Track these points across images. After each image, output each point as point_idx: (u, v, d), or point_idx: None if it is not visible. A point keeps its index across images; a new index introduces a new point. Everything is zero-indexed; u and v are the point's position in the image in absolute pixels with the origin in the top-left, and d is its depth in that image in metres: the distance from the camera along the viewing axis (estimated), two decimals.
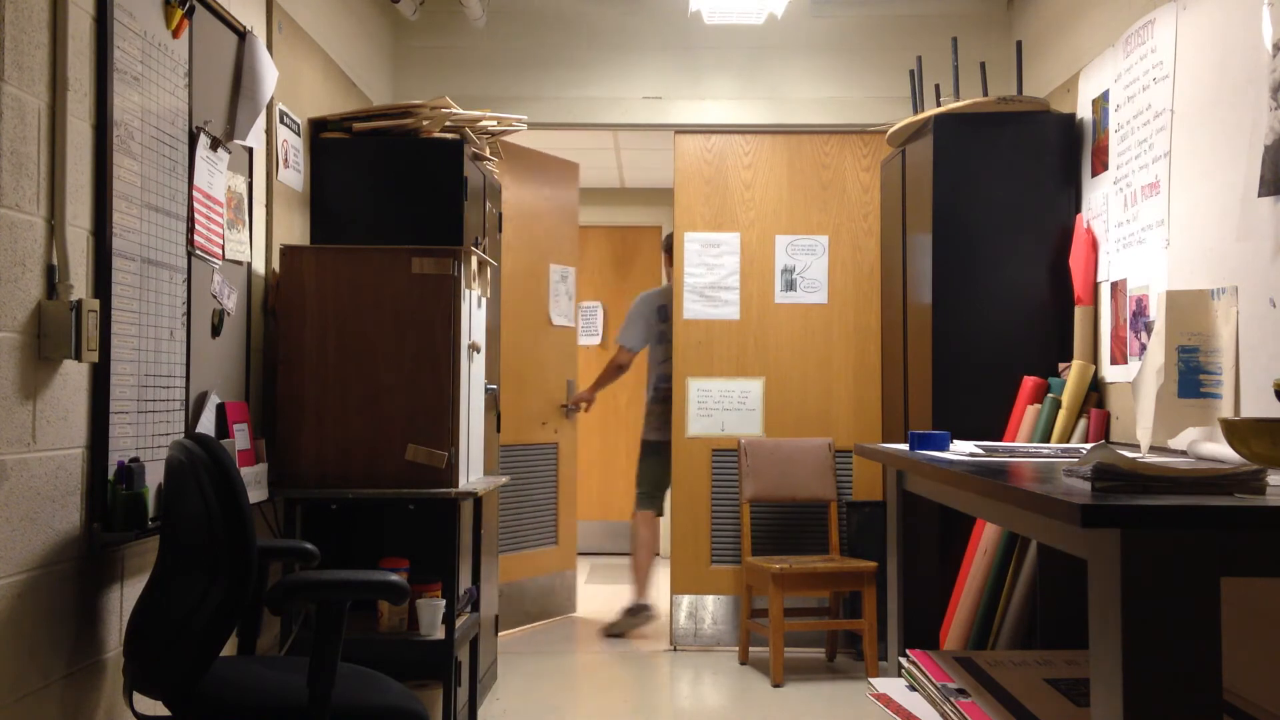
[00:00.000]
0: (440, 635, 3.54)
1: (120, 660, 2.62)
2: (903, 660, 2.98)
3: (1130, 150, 3.71)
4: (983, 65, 4.66)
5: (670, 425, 5.50)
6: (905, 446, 3.12)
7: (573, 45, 5.34)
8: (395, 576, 2.33)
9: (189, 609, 2.27)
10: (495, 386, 4.53)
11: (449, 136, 4.12)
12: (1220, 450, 2.55)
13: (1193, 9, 3.29)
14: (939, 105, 4.42)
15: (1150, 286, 3.54)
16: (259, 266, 3.52)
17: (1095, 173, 4.02)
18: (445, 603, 3.54)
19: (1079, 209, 4.14)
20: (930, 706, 2.66)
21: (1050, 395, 3.88)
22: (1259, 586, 2.67)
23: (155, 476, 2.74)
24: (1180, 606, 1.59)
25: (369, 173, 4.07)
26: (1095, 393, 3.88)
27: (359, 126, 4.10)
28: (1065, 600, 3.47)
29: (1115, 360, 3.80)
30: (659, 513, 5.81)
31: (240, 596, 2.22)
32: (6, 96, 2.19)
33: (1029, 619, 3.69)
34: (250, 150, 3.43)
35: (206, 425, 3.05)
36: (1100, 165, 3.97)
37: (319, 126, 4.09)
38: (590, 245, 8.44)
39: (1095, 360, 3.95)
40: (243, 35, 3.30)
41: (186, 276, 2.96)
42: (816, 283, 5.41)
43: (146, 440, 2.73)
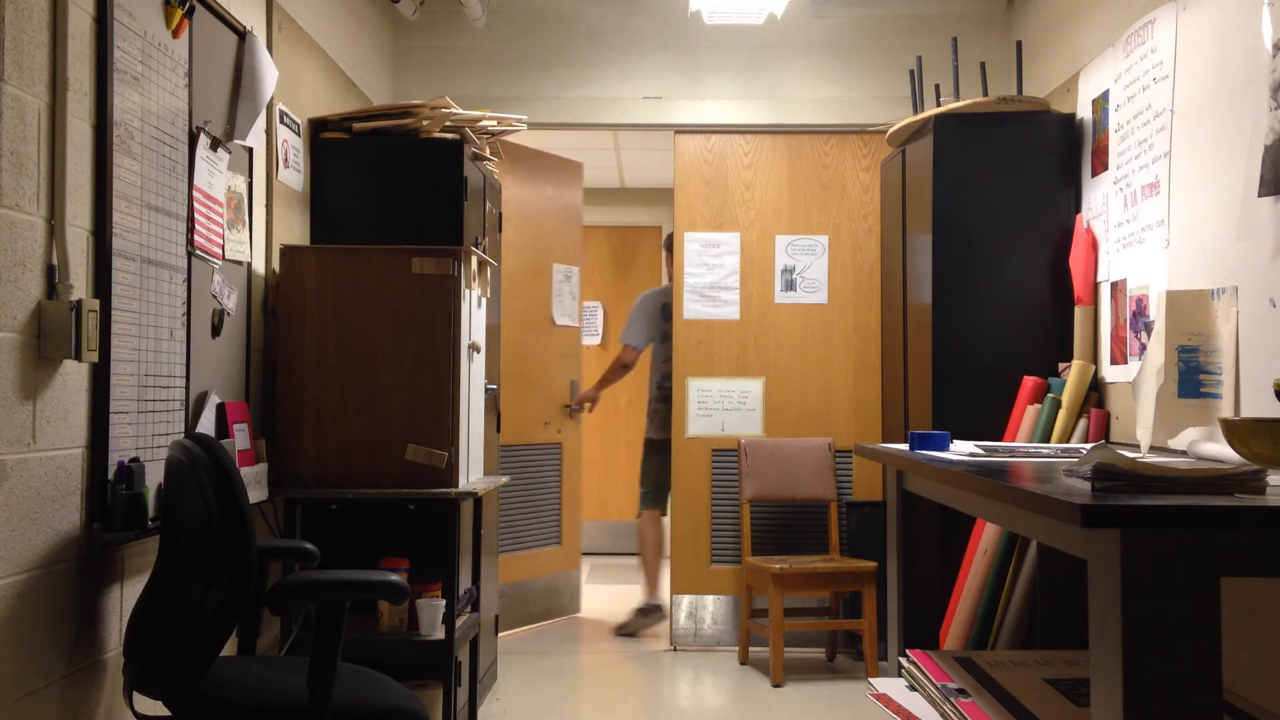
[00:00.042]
0: (440, 635, 3.54)
1: (120, 660, 2.62)
2: (903, 660, 2.98)
3: (1130, 150, 3.71)
4: (983, 65, 4.66)
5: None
6: (905, 446, 3.12)
7: (573, 45, 5.34)
8: (395, 576, 2.34)
9: (189, 609, 2.27)
10: (495, 386, 4.53)
11: (449, 136, 4.12)
12: (1220, 450, 2.55)
13: (1193, 9, 3.29)
14: (939, 105, 4.42)
15: (1150, 286, 3.54)
16: (259, 266, 3.52)
17: (1095, 173, 4.02)
18: (445, 603, 3.54)
19: (1079, 209, 4.14)
20: (930, 706, 2.66)
21: (1050, 395, 3.88)
22: (1259, 586, 2.67)
23: (155, 476, 2.74)
24: (1180, 606, 1.59)
25: (369, 173, 4.07)
26: (1095, 393, 3.88)
27: (359, 126, 4.10)
28: (1065, 600, 3.47)
29: (1115, 360, 3.80)
30: (664, 512, 5.80)
31: (240, 596, 2.22)
32: (6, 96, 2.19)
33: (1029, 619, 3.69)
34: (250, 150, 3.43)
35: (206, 425, 3.05)
36: (1100, 165, 3.97)
37: (319, 126, 4.09)
38: (590, 245, 8.44)
39: (1095, 360, 3.95)
40: (243, 35, 3.31)
41: (186, 276, 2.96)
42: (816, 283, 5.41)
43: (146, 440, 2.73)
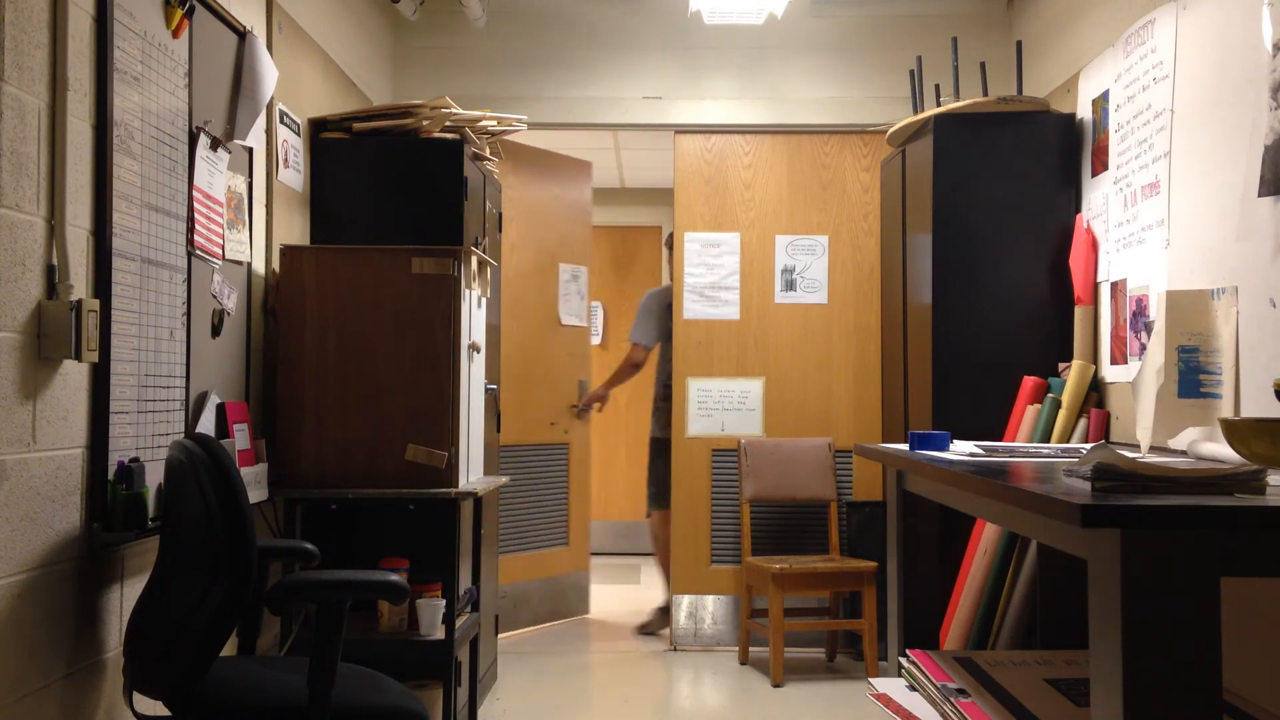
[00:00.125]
0: (440, 635, 3.54)
1: (120, 660, 2.62)
2: (903, 660, 2.98)
3: (1130, 150, 3.71)
4: (983, 65, 4.66)
5: None
6: (905, 446, 3.12)
7: (573, 45, 5.34)
8: (395, 576, 2.34)
9: (189, 609, 2.27)
10: (495, 386, 4.53)
11: (449, 136, 4.12)
12: (1220, 450, 2.55)
13: (1193, 9, 3.29)
14: (939, 105, 4.42)
15: (1150, 286, 3.54)
16: (259, 266, 3.52)
17: (1095, 173, 4.02)
18: (445, 603, 3.54)
19: (1079, 209, 4.14)
20: (930, 706, 2.66)
21: (1050, 395, 3.88)
22: (1259, 586, 2.67)
23: (155, 476, 2.74)
24: (1180, 606, 1.59)
25: (369, 173, 4.07)
26: (1095, 393, 3.88)
27: (359, 126, 4.10)
28: (1065, 600, 3.47)
29: (1115, 360, 3.80)
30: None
31: (240, 596, 2.22)
32: (6, 96, 2.19)
33: (1029, 619, 3.69)
34: (250, 150, 3.43)
35: (206, 425, 3.05)
36: (1100, 165, 3.97)
37: (319, 126, 4.09)
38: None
39: (1095, 360, 3.95)
40: (243, 35, 3.31)
41: (186, 276, 2.96)
42: (816, 283, 5.41)
43: (146, 440, 2.73)
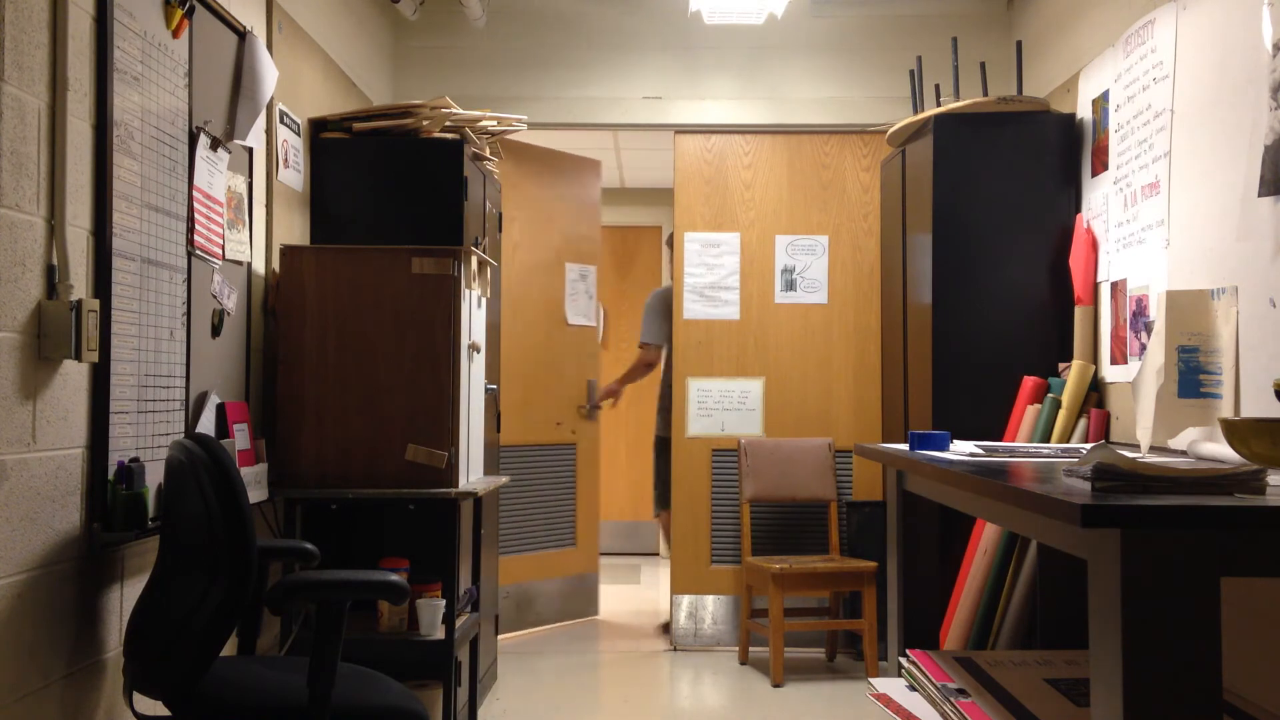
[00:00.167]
0: (440, 635, 3.54)
1: (120, 660, 2.62)
2: (903, 660, 2.98)
3: (1130, 150, 3.71)
4: (983, 65, 4.66)
5: None
6: (905, 446, 3.12)
7: (573, 45, 5.34)
8: (395, 576, 2.34)
9: (189, 609, 2.27)
10: (495, 386, 4.53)
11: (449, 136, 4.12)
12: (1220, 450, 2.55)
13: (1193, 9, 3.29)
14: (939, 105, 4.42)
15: (1150, 286, 3.54)
16: (259, 266, 3.52)
17: (1095, 173, 4.02)
18: (445, 603, 3.54)
19: (1079, 209, 4.14)
20: (930, 706, 2.66)
21: (1050, 395, 3.88)
22: (1259, 586, 2.67)
23: (155, 476, 2.74)
24: (1180, 606, 1.59)
25: (369, 173, 4.07)
26: (1095, 393, 3.88)
27: (359, 126, 4.10)
28: (1065, 600, 3.47)
29: (1115, 360, 3.80)
30: None
31: (240, 596, 2.22)
32: (6, 96, 2.19)
33: (1029, 619, 3.69)
34: (250, 150, 3.43)
35: (206, 425, 3.05)
36: (1100, 165, 3.97)
37: (319, 126, 4.09)
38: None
39: (1095, 360, 3.95)
40: (243, 35, 3.31)
41: (186, 276, 2.96)
42: (816, 283, 5.41)
43: (146, 440, 2.73)
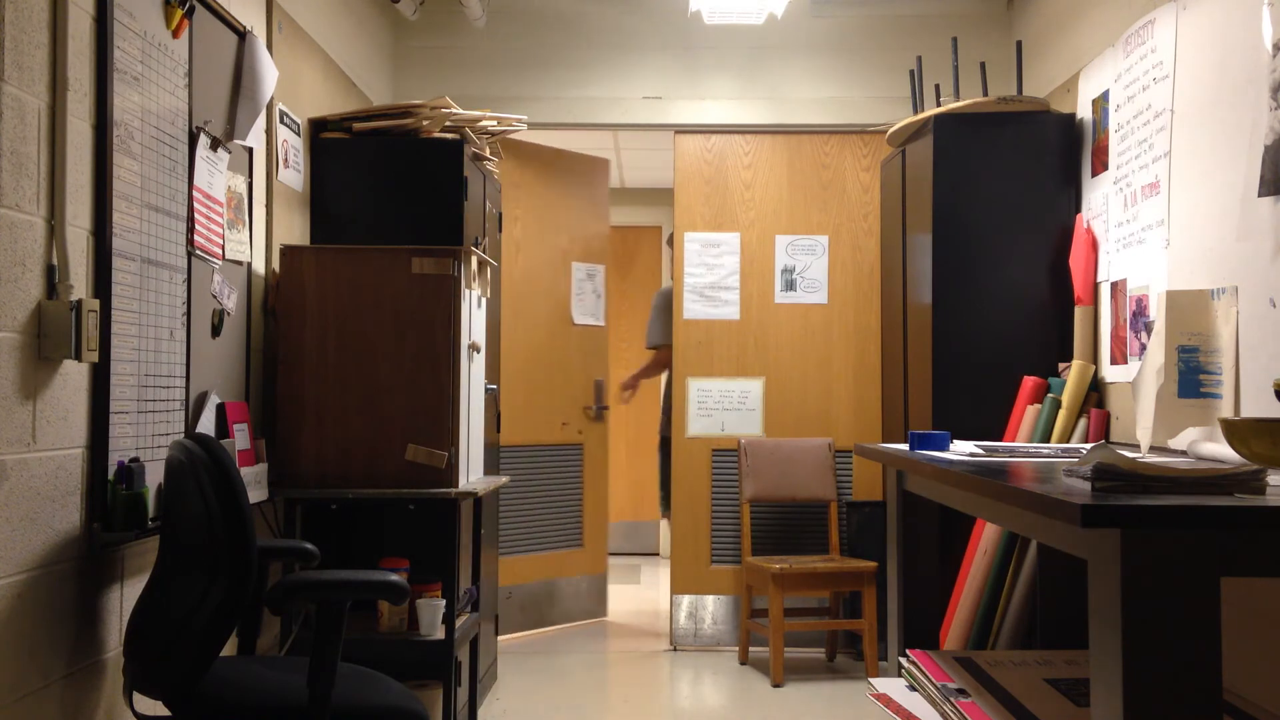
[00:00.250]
0: (440, 635, 3.54)
1: (120, 660, 2.62)
2: (903, 660, 2.98)
3: (1130, 150, 3.71)
4: (983, 65, 4.66)
5: None
6: (905, 446, 3.12)
7: (573, 45, 5.34)
8: (395, 576, 2.34)
9: (189, 609, 2.27)
10: (495, 386, 4.53)
11: (449, 136, 4.12)
12: (1220, 450, 2.55)
13: (1193, 9, 3.29)
14: (939, 105, 4.42)
15: (1150, 286, 3.54)
16: (259, 266, 3.52)
17: (1095, 173, 4.02)
18: (445, 603, 3.54)
19: (1079, 209, 4.14)
20: (930, 706, 2.66)
21: (1050, 395, 3.88)
22: (1259, 586, 2.67)
23: (155, 476, 2.74)
24: (1180, 606, 1.59)
25: (369, 173, 4.07)
26: (1095, 393, 3.88)
27: (359, 126, 4.10)
28: (1065, 600, 3.47)
29: (1115, 360, 3.80)
30: None
31: (240, 596, 2.22)
32: (6, 96, 2.19)
33: (1029, 619, 3.69)
34: (250, 150, 3.43)
35: (206, 425, 3.05)
36: (1100, 165, 3.97)
37: (319, 126, 4.09)
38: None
39: (1095, 360, 3.95)
40: (243, 35, 3.31)
41: (186, 276, 2.96)
42: (816, 283, 5.41)
43: (146, 440, 2.73)
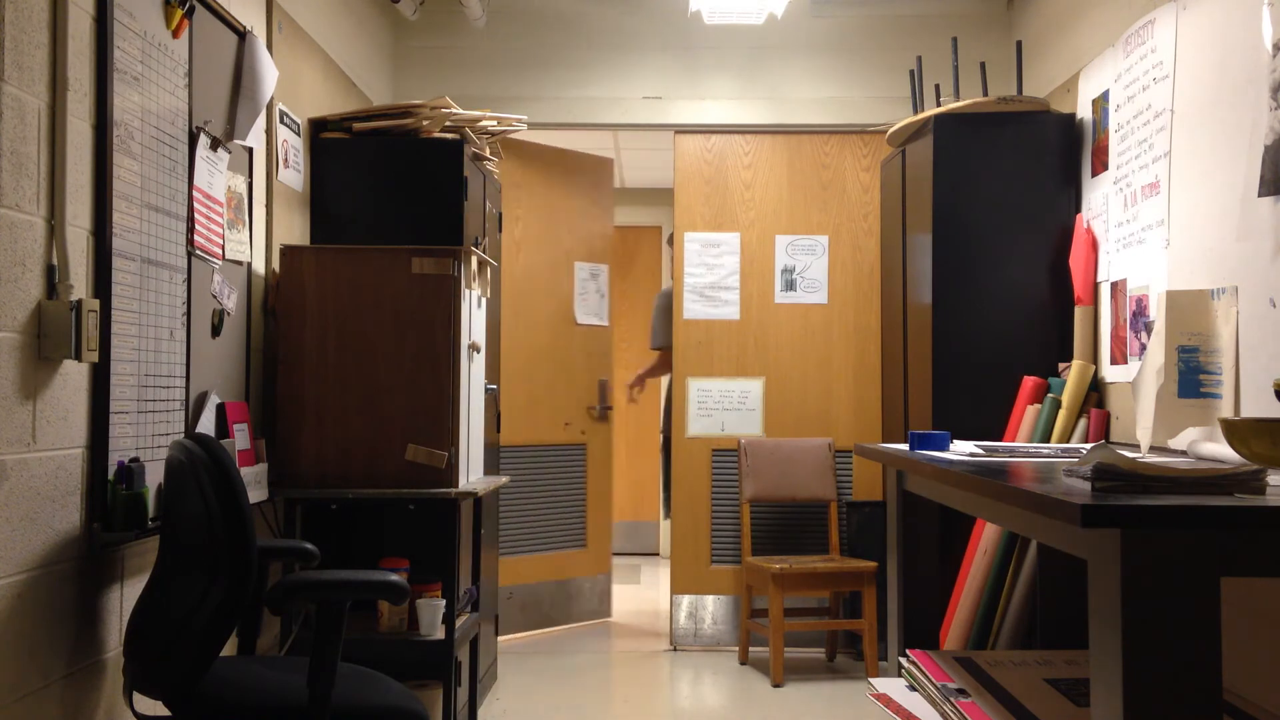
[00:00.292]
0: (440, 635, 3.54)
1: (120, 660, 2.62)
2: (903, 660, 2.98)
3: (1130, 150, 3.71)
4: (983, 65, 4.66)
5: None
6: (905, 446, 3.12)
7: (573, 45, 5.34)
8: (395, 576, 2.33)
9: (189, 609, 2.27)
10: (495, 386, 4.53)
11: (449, 136, 4.12)
12: (1220, 450, 2.55)
13: (1193, 9, 3.29)
14: (939, 105, 4.42)
15: (1150, 286, 3.54)
16: (259, 266, 3.52)
17: (1095, 173, 4.02)
18: (445, 603, 3.54)
19: (1079, 209, 4.14)
20: (930, 706, 2.66)
21: (1050, 395, 3.88)
22: (1259, 586, 2.67)
23: (155, 476, 2.74)
24: (1180, 606, 1.59)
25: (369, 173, 4.07)
26: (1095, 393, 3.88)
27: (359, 126, 4.10)
28: (1065, 600, 3.47)
29: (1115, 360, 3.80)
30: None
31: (240, 596, 2.22)
32: (6, 96, 2.19)
33: (1029, 619, 3.69)
34: (250, 150, 3.43)
35: (206, 425, 3.05)
36: (1100, 165, 3.97)
37: (319, 126, 4.09)
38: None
39: (1095, 360, 3.95)
40: (243, 35, 3.31)
41: (186, 276, 2.96)
42: (816, 283, 5.41)
43: (146, 440, 2.73)
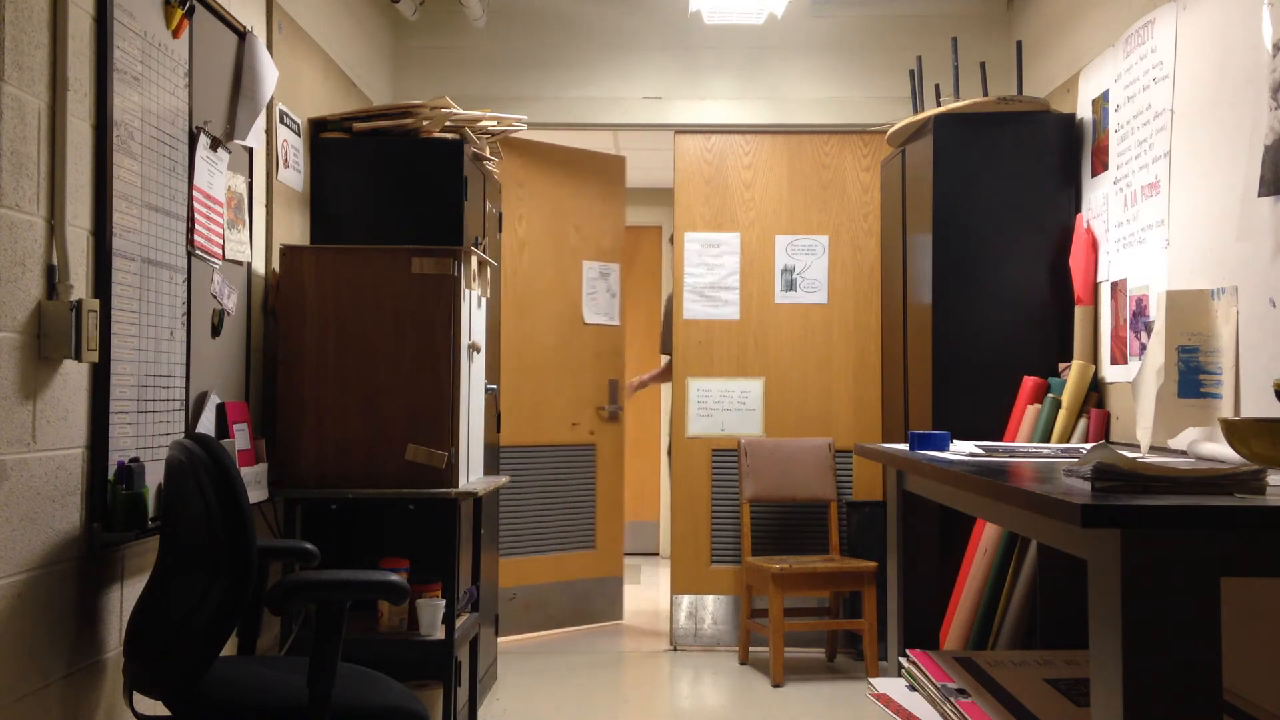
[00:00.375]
0: (440, 635, 3.54)
1: (120, 660, 2.62)
2: (903, 660, 2.98)
3: (1130, 150, 3.71)
4: (983, 65, 4.66)
5: None
6: (905, 446, 3.12)
7: (573, 45, 5.34)
8: (395, 576, 2.34)
9: (189, 609, 2.27)
10: (495, 386, 4.53)
11: (449, 136, 4.12)
12: (1220, 450, 2.55)
13: (1193, 9, 3.29)
14: (939, 105, 4.42)
15: (1150, 286, 3.54)
16: (259, 266, 3.52)
17: (1095, 173, 4.02)
18: (445, 603, 3.54)
19: (1079, 209, 4.14)
20: (930, 706, 2.66)
21: (1050, 395, 3.88)
22: (1259, 586, 2.67)
23: (155, 476, 2.74)
24: (1180, 606, 1.59)
25: (369, 173, 4.07)
26: (1095, 393, 3.88)
27: (359, 126, 4.10)
28: (1065, 600, 3.47)
29: (1115, 360, 3.80)
30: None
31: (240, 596, 2.22)
32: (6, 96, 2.19)
33: (1029, 619, 3.69)
34: (250, 150, 3.43)
35: (206, 425, 3.05)
36: (1100, 165, 3.97)
37: (319, 126, 4.09)
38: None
39: (1095, 360, 3.95)
40: (243, 35, 3.30)
41: (186, 276, 2.96)
42: (816, 283, 5.41)
43: (146, 440, 2.73)
